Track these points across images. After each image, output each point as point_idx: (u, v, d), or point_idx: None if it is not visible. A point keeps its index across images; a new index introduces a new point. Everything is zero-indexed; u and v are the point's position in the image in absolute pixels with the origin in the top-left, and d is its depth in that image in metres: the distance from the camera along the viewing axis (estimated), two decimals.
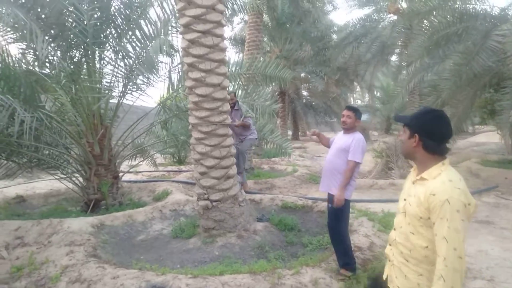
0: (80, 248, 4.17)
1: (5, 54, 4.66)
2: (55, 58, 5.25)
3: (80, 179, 6.83)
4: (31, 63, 6.22)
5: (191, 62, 4.09)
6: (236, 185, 4.64)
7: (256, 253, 4.24)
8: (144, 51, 5.39)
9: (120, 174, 7.14)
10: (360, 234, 4.35)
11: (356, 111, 3.72)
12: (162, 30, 5.76)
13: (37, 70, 6.13)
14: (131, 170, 11.58)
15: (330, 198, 3.74)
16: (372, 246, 4.03)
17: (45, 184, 9.41)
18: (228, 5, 8.75)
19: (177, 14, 4.15)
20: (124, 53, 5.49)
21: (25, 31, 4.50)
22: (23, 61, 6.32)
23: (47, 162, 6.59)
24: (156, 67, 6.06)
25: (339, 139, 3.78)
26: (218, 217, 4.52)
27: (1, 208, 6.72)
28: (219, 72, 4.18)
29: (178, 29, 4.52)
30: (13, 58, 5.91)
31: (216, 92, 4.20)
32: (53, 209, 6.81)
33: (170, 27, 5.58)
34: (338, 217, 3.73)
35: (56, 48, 5.37)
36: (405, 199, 1.83)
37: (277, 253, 4.17)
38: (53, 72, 5.96)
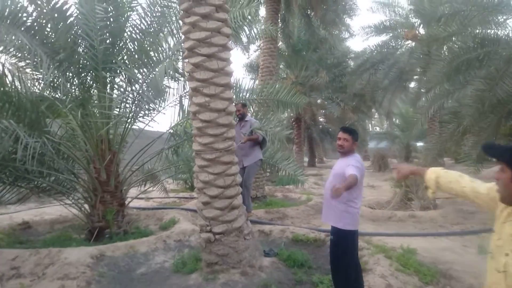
0: (73, 282, 3.92)
1: (5, 78, 4.60)
2: (62, 82, 5.17)
3: (86, 205, 6.66)
4: (44, 88, 6.23)
5: (195, 87, 3.92)
6: (241, 216, 4.35)
7: None
8: (151, 76, 5.29)
9: (127, 201, 6.94)
10: (376, 274, 3.95)
11: (353, 133, 3.46)
12: (172, 56, 5.69)
13: (48, 95, 6.13)
14: (142, 196, 11.46)
15: (332, 230, 3.46)
16: None
17: (55, 209, 9.31)
18: (244, 33, 8.75)
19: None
20: (133, 79, 5.40)
21: (31, 56, 4.46)
22: (35, 86, 6.36)
23: (53, 188, 6.47)
24: (165, 92, 5.95)
25: (336, 165, 3.52)
26: (221, 251, 4.21)
27: (4, 235, 6.57)
28: (224, 97, 3.98)
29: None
30: (24, 83, 5.93)
31: (220, 118, 3.99)
32: (57, 236, 6.62)
33: (178, 52, 5.50)
34: (341, 250, 3.41)
35: (63, 72, 5.32)
36: (507, 254, 1.51)
37: None
38: (63, 97, 5.92)
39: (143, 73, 5.27)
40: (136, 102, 5.38)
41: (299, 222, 7.63)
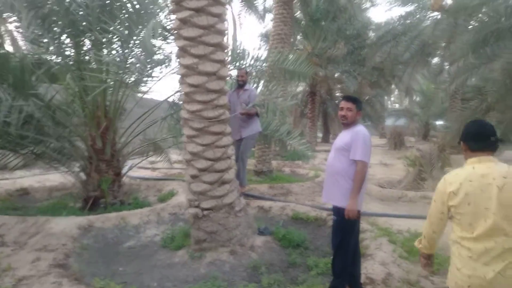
0: (50, 255, 3.69)
1: None
2: (47, 41, 4.80)
3: (82, 174, 6.46)
4: (37, 50, 5.90)
5: (182, 46, 3.49)
6: (233, 191, 4.01)
7: (248, 275, 3.59)
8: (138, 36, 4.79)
9: (124, 171, 6.70)
10: (376, 260, 3.59)
11: (356, 102, 3.11)
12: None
13: (42, 57, 5.81)
14: (148, 166, 11.28)
15: (335, 210, 3.11)
16: (388, 278, 3.26)
17: (58, 176, 9.20)
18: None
19: None
20: (124, 40, 4.96)
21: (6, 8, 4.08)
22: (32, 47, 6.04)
23: (49, 155, 6.27)
24: (163, 56, 5.52)
25: (338, 137, 3.20)
26: (209, 228, 3.91)
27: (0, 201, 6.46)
28: (215, 59, 3.55)
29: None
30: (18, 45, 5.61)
31: (210, 82, 3.58)
32: (53, 204, 6.49)
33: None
34: (344, 231, 3.08)
35: (48, 30, 4.93)
36: None
37: (273, 276, 3.50)
38: (53, 57, 5.57)
39: (135, 34, 4.80)
40: (128, 65, 4.97)
41: (302, 199, 7.27)
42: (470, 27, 10.82)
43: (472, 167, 1.89)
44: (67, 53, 6.02)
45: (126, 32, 4.60)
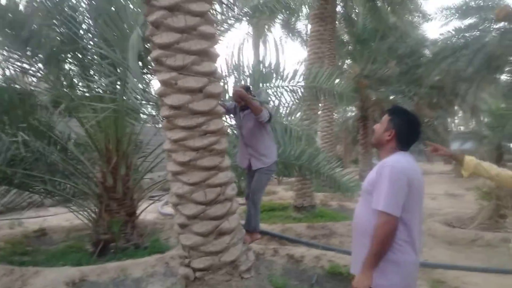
0: None
1: None
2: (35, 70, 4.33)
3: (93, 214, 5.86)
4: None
5: (157, 56, 2.69)
6: (236, 245, 3.02)
7: None
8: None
9: (139, 211, 5.98)
10: None
11: (392, 113, 2.03)
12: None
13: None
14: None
15: None
16: None
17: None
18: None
19: None
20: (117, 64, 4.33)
21: None
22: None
23: (56, 193, 5.79)
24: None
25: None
26: None
27: (10, 244, 6.02)
28: (200, 71, 2.69)
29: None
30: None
31: (195, 102, 2.71)
32: (64, 248, 5.92)
33: None
34: None
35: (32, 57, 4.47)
36: None
37: None
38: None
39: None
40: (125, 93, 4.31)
41: (348, 243, 6.03)
42: None
43: None
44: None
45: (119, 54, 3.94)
